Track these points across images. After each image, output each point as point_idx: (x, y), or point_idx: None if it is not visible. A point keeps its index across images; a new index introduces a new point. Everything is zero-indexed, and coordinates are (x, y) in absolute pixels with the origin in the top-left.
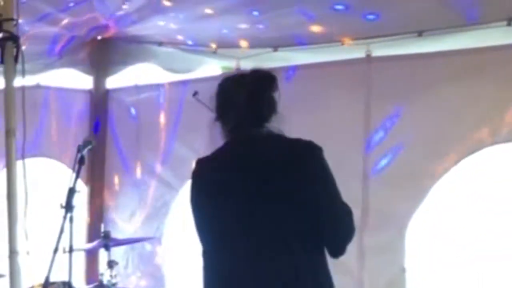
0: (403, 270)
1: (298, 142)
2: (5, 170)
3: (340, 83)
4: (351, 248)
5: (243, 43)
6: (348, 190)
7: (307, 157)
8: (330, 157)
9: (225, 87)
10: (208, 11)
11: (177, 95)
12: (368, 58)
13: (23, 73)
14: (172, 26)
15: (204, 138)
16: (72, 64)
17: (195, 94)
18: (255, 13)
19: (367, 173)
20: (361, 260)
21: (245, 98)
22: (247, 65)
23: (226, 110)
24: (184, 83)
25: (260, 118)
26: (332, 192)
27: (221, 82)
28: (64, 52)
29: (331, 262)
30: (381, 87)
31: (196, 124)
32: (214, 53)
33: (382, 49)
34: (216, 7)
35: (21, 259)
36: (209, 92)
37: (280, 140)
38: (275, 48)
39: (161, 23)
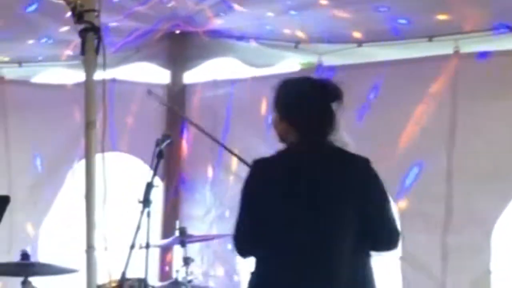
0: (488, 272)
1: (359, 158)
2: (83, 163)
3: (426, 80)
4: (434, 248)
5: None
6: (431, 188)
7: (367, 173)
8: (414, 154)
9: (298, 90)
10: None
11: (255, 90)
12: (456, 54)
13: (104, 66)
14: (256, 19)
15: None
16: (149, 58)
17: (149, 92)
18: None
19: (451, 171)
20: (444, 260)
21: (322, 106)
22: (329, 60)
23: (298, 113)
24: (263, 78)
25: (331, 128)
26: (384, 205)
27: (291, 84)
28: (141, 46)
29: (412, 261)
30: (468, 84)
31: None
32: (295, 47)
33: (470, 45)
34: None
35: (98, 254)
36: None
37: (348, 155)
38: (359, 43)
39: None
